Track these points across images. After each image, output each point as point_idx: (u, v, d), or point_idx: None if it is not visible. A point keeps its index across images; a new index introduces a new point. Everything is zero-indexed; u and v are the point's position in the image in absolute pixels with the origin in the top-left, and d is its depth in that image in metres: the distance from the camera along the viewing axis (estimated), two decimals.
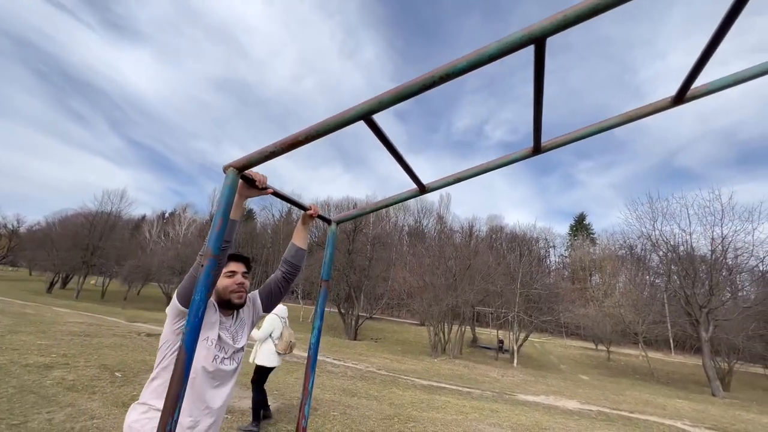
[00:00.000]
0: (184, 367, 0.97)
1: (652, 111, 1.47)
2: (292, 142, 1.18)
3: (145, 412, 1.41)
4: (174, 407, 0.93)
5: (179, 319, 1.47)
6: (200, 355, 1.46)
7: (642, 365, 22.71)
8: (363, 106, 1.13)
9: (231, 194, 1.18)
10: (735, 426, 8.32)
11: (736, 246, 17.44)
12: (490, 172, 1.78)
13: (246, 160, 1.21)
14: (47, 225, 45.98)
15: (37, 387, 4.69)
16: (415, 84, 1.08)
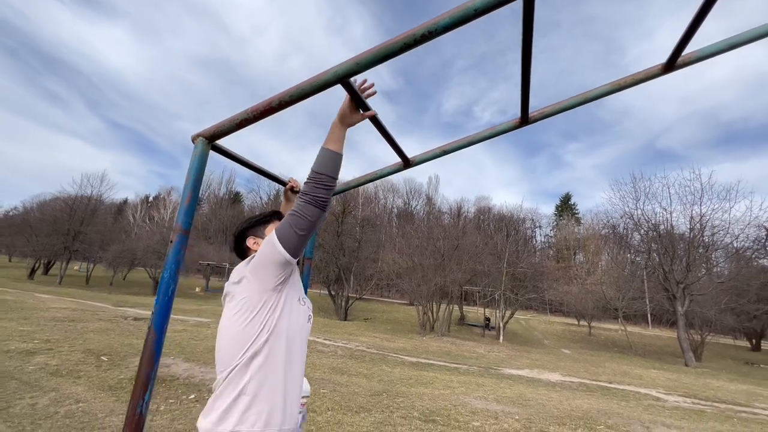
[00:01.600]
0: (154, 348, 0.92)
1: (643, 78, 1.43)
2: (265, 108, 1.11)
3: (243, 407, 1.09)
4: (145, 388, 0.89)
5: (282, 271, 1.18)
6: (300, 316, 1.27)
7: (621, 339, 23.73)
8: (340, 67, 1.05)
9: (200, 165, 1.10)
10: (705, 392, 8.81)
11: (713, 224, 18.04)
12: (476, 144, 1.72)
13: (216, 129, 1.13)
14: (24, 210, 44.37)
15: (19, 373, 4.60)
16: (395, 43, 1.01)
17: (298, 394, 1.21)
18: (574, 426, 4.67)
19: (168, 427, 3.50)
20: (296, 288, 1.30)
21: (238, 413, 1.07)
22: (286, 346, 1.17)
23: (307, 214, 1.14)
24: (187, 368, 5.63)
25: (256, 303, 1.16)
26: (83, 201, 35.80)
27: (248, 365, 1.11)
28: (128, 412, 0.90)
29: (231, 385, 1.10)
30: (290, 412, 1.16)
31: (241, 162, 1.43)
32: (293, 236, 1.14)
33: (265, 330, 1.14)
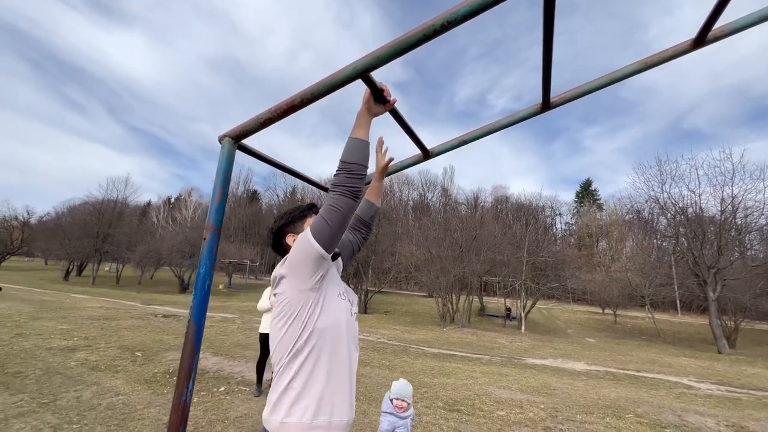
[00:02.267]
0: (194, 341, 0.97)
1: (672, 56, 1.37)
2: (288, 106, 1.13)
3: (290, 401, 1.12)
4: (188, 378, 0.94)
5: (318, 268, 1.17)
6: (342, 311, 1.24)
7: (648, 327, 23.06)
8: (359, 63, 1.06)
9: (228, 165, 1.14)
10: (740, 380, 8.50)
11: (746, 205, 17.18)
12: (496, 132, 1.70)
13: (241, 129, 1.16)
14: (57, 215, 46.63)
15: (63, 368, 4.88)
16: (414, 35, 1.00)
17: (348, 387, 1.20)
18: (602, 415, 4.60)
19: (202, 418, 3.66)
20: (335, 283, 1.27)
21: (286, 406, 1.10)
22: (329, 342, 1.17)
23: (340, 206, 1.13)
24: (216, 362, 5.84)
25: (296, 304, 1.17)
26: (110, 204, 37.32)
27: (293, 362, 1.14)
28: (174, 401, 0.96)
29: (279, 380, 1.15)
30: (340, 405, 1.16)
31: (266, 161, 1.46)
32: (327, 230, 1.13)
33: (306, 329, 1.15)
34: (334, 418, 1.13)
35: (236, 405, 4.10)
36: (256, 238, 56.52)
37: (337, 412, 1.14)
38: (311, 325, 1.16)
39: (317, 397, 1.11)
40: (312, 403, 1.11)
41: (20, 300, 11.67)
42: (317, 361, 1.14)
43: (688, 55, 1.46)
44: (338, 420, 1.14)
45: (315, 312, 1.17)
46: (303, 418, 1.09)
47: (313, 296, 1.17)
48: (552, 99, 1.55)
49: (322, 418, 1.11)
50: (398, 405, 2.56)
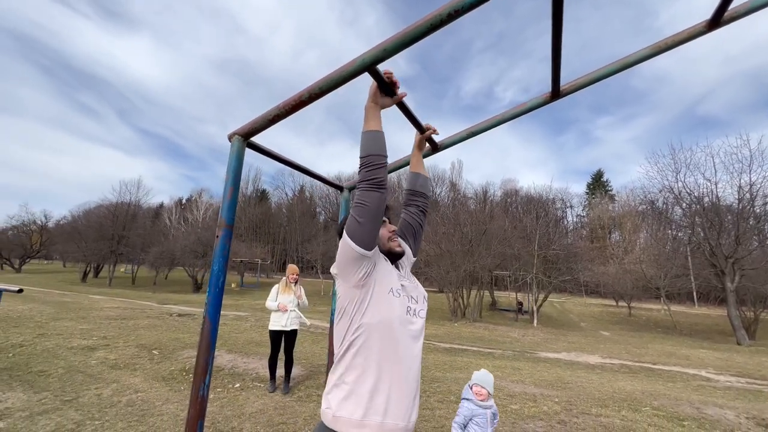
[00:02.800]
0: (210, 337, 0.99)
1: (686, 38, 1.33)
2: (296, 102, 1.13)
3: (342, 395, 1.13)
4: (204, 373, 0.96)
5: (360, 266, 1.17)
6: (393, 308, 1.20)
7: (664, 319, 22.65)
8: (366, 55, 1.05)
9: (238, 162, 1.15)
10: (761, 372, 8.30)
11: (765, 193, 16.69)
12: (505, 123, 1.68)
13: (250, 126, 1.17)
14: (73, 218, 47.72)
15: (84, 366, 5.02)
16: (421, 25, 0.99)
17: (404, 387, 1.15)
18: (618, 408, 4.54)
19: (218, 414, 3.73)
20: (387, 280, 1.24)
21: (338, 399, 1.12)
22: (379, 339, 1.14)
23: (367, 201, 1.14)
24: (231, 359, 5.94)
25: (344, 301, 1.20)
26: (124, 207, 38.08)
27: (344, 356, 1.16)
28: (191, 395, 0.98)
29: (333, 372, 1.18)
30: (396, 407, 1.11)
31: (276, 158, 1.47)
32: (359, 227, 1.14)
33: (353, 324, 1.16)
34: (387, 420, 1.09)
35: (251, 401, 4.16)
36: (266, 237, 57.15)
37: (391, 413, 1.10)
38: (357, 320, 1.16)
39: (368, 394, 1.09)
40: (363, 400, 1.09)
41: (41, 301, 12.02)
42: (367, 358, 1.13)
43: (701, 40, 1.42)
44: (392, 423, 1.09)
45: (361, 308, 1.17)
46: (353, 415, 1.08)
47: (358, 293, 1.18)
48: (562, 87, 1.52)
49: (373, 418, 1.08)
50: (477, 391, 2.61)
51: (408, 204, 1.62)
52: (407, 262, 1.52)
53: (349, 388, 1.12)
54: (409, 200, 1.63)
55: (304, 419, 3.69)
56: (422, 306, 1.33)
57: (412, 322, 1.25)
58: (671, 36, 1.40)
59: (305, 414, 3.83)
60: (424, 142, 1.67)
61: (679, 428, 3.94)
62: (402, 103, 1.36)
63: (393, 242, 1.40)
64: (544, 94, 1.58)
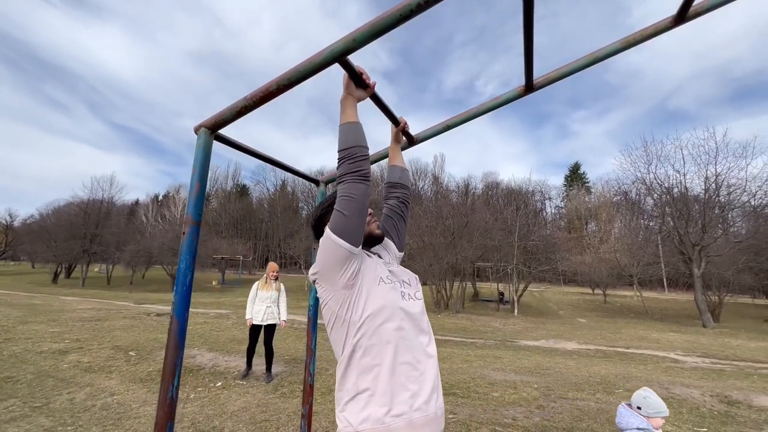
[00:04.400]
0: (177, 337, 0.95)
1: (653, 33, 1.36)
2: (264, 93, 1.09)
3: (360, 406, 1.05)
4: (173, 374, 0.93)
5: (347, 264, 1.10)
6: (388, 297, 1.13)
7: (637, 305, 23.68)
8: (336, 46, 1.02)
9: (205, 156, 1.11)
10: (724, 352, 8.81)
11: (729, 183, 17.54)
12: (481, 116, 1.69)
13: (217, 118, 1.13)
14: (41, 217, 45.42)
15: (54, 371, 4.82)
16: (390, 15, 0.98)
17: (423, 373, 1.09)
18: (593, 391, 4.73)
19: (199, 413, 3.66)
20: (374, 272, 1.18)
21: (356, 413, 1.03)
22: (384, 332, 1.08)
23: (354, 194, 1.09)
24: (212, 358, 5.83)
25: (334, 306, 1.12)
26: (96, 204, 36.51)
27: (351, 363, 1.08)
28: (160, 397, 0.95)
29: (342, 386, 1.09)
30: (419, 397, 1.05)
31: (245, 150, 1.42)
32: (345, 221, 1.08)
33: (352, 327, 1.09)
34: (415, 414, 1.03)
35: (233, 399, 4.11)
36: (248, 233, 56.12)
37: (417, 405, 1.04)
38: (357, 321, 1.09)
39: (388, 394, 1.02)
40: (385, 402, 1.01)
41: (7, 305, 11.44)
42: (377, 355, 1.06)
43: (672, 37, 1.45)
44: (421, 415, 1.03)
45: (356, 307, 1.10)
46: (377, 424, 1.00)
47: (349, 293, 1.11)
48: (535, 80, 1.53)
49: (400, 419, 1.01)
50: (658, 425, 2.04)
51: (388, 197, 1.59)
52: (391, 256, 1.47)
53: (368, 395, 1.03)
54: (390, 193, 1.60)
55: (287, 415, 3.67)
56: (416, 288, 1.27)
57: (411, 305, 1.18)
58: (639, 31, 1.43)
59: (288, 410, 3.81)
60: (400, 134, 1.66)
61: None
62: (375, 96, 1.34)
63: (372, 224, 1.33)
64: (518, 87, 1.60)
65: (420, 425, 1.02)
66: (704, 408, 4.24)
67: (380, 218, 1.55)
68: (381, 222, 1.53)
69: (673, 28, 1.41)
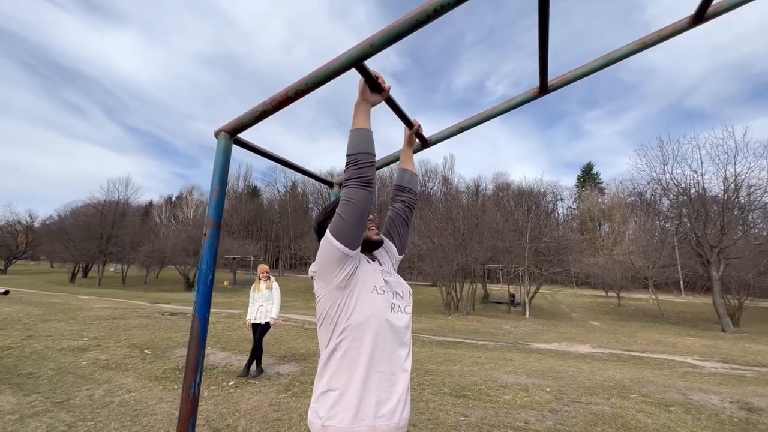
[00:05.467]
0: (199, 335, 0.99)
1: (670, 34, 1.35)
2: (283, 98, 1.12)
3: (329, 403, 1.11)
4: (195, 371, 0.96)
5: (342, 266, 1.14)
6: (378, 307, 1.17)
7: (652, 308, 23.16)
8: (353, 51, 1.04)
9: (225, 159, 1.14)
10: (744, 357, 8.55)
11: (749, 183, 17.06)
12: (494, 118, 1.69)
13: (237, 123, 1.16)
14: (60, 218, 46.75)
15: (74, 368, 4.96)
16: (406, 21, 0.99)
17: (394, 385, 1.13)
18: (607, 395, 4.65)
19: (213, 411, 3.73)
20: (370, 279, 1.21)
21: (326, 408, 1.09)
22: (366, 340, 1.12)
23: (353, 199, 1.12)
24: (225, 357, 5.93)
25: (326, 304, 1.16)
26: (112, 206, 37.44)
27: (329, 361, 1.13)
28: (182, 393, 0.98)
29: (319, 380, 1.15)
30: (386, 407, 1.10)
31: (263, 154, 1.45)
32: (344, 225, 1.11)
33: (338, 327, 1.13)
34: (379, 422, 1.07)
35: (246, 398, 4.17)
36: (258, 234, 56.74)
37: (383, 414, 1.08)
38: (343, 323, 1.14)
39: (358, 398, 1.07)
40: (353, 405, 1.07)
41: (28, 303, 11.81)
42: (354, 359, 1.11)
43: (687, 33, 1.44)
44: (384, 423, 1.08)
45: (346, 310, 1.14)
46: (343, 422, 1.06)
47: (341, 294, 1.15)
48: (549, 82, 1.53)
49: (365, 422, 1.06)
50: None
51: (395, 200, 1.61)
52: (391, 259, 1.49)
53: (338, 394, 1.09)
54: (397, 196, 1.62)
55: (299, 415, 3.70)
56: (407, 302, 1.31)
57: (398, 318, 1.22)
58: (656, 31, 1.42)
59: (300, 410, 3.84)
60: (413, 137, 1.67)
61: (666, 414, 4.05)
62: (390, 99, 1.36)
63: (371, 231, 1.36)
64: (532, 89, 1.59)
65: (381, 431, 1.07)
66: (723, 415, 4.12)
67: (385, 219, 1.59)
68: (385, 223, 1.57)
69: (691, 28, 1.39)
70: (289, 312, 14.47)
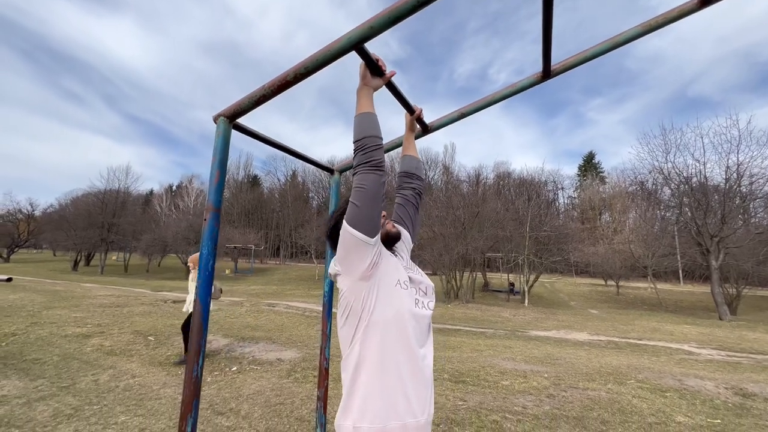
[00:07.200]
0: (201, 318, 1.00)
1: (677, 16, 1.32)
2: (282, 82, 1.10)
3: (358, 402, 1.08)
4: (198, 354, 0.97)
5: (364, 255, 1.11)
6: (403, 302, 1.15)
7: (651, 296, 23.34)
8: (353, 33, 1.02)
9: (224, 145, 1.13)
10: (741, 345, 8.66)
11: (751, 172, 16.95)
12: (496, 104, 1.67)
13: (236, 107, 1.14)
14: (60, 207, 46.86)
15: (79, 353, 5.04)
16: (408, 1, 0.97)
17: (421, 381, 1.11)
18: (604, 381, 4.72)
19: (216, 396, 3.79)
20: (393, 273, 1.18)
21: (356, 408, 1.06)
22: (392, 335, 1.10)
23: (365, 184, 1.09)
24: (227, 343, 6.00)
25: (350, 297, 1.13)
26: (112, 194, 37.45)
27: (355, 359, 1.10)
28: (186, 376, 1.00)
29: (346, 380, 1.12)
30: (416, 403, 1.08)
31: (262, 139, 1.44)
32: (358, 212, 1.08)
33: (362, 322, 1.10)
34: (408, 419, 1.05)
35: (248, 383, 4.24)
36: (259, 223, 56.83)
37: (412, 411, 1.07)
38: (366, 318, 1.10)
39: (388, 395, 1.05)
40: (383, 404, 1.05)
41: (32, 290, 11.91)
42: (381, 356, 1.08)
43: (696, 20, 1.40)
44: (414, 421, 1.06)
45: (368, 305, 1.11)
46: (374, 423, 1.03)
47: (365, 287, 1.11)
48: (553, 67, 1.50)
49: (395, 422, 1.04)
50: None
51: (403, 187, 1.58)
52: (405, 248, 1.46)
53: (365, 392, 1.06)
54: (405, 183, 1.59)
55: (301, 399, 3.77)
56: (431, 298, 1.29)
57: (422, 315, 1.19)
58: (662, 14, 1.39)
59: (302, 394, 3.91)
60: (414, 123, 1.65)
61: (661, 399, 4.12)
62: (391, 84, 1.34)
63: (387, 224, 1.33)
64: (535, 73, 1.57)
65: (412, 428, 1.05)
66: (718, 400, 4.19)
67: (394, 207, 1.56)
68: (395, 211, 1.54)
69: (699, 10, 1.36)
70: (291, 300, 14.61)
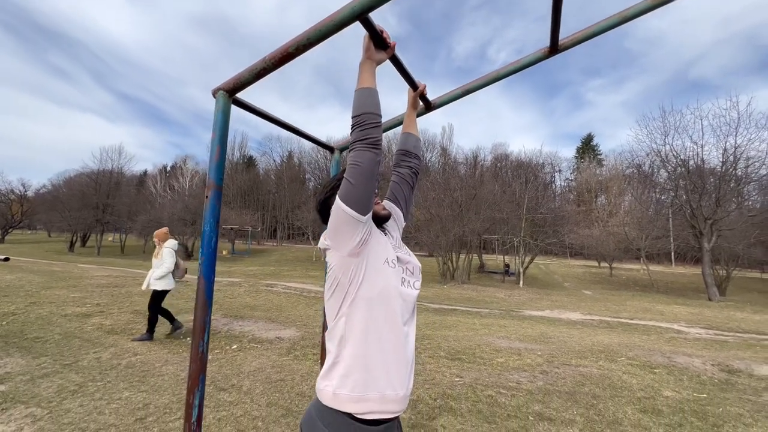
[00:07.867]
0: (205, 294, 1.00)
1: None
2: (283, 54, 1.06)
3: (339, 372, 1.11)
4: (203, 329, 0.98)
5: (354, 232, 1.11)
6: (389, 279, 1.16)
7: (643, 278, 23.78)
8: (356, 3, 0.98)
9: (224, 120, 1.10)
10: (728, 324, 8.91)
11: (748, 155, 16.99)
12: (500, 80, 1.63)
13: (235, 81, 1.11)
14: (53, 187, 46.28)
15: (80, 332, 5.09)
16: None
17: (402, 357, 1.14)
18: (596, 358, 4.86)
19: (218, 373, 3.87)
20: (382, 251, 1.19)
21: (338, 376, 1.09)
22: (376, 310, 1.12)
23: (360, 161, 1.09)
24: (227, 322, 6.08)
25: (337, 272, 1.14)
26: (106, 175, 36.96)
27: (339, 332, 1.12)
28: (191, 351, 1.01)
29: (330, 350, 1.15)
30: (395, 378, 1.11)
31: (262, 115, 1.41)
32: (352, 189, 1.08)
33: (348, 297, 1.12)
34: (387, 391, 1.09)
35: (249, 361, 4.32)
36: (255, 204, 56.62)
37: (391, 383, 1.11)
38: (353, 293, 1.12)
39: (368, 367, 1.09)
40: (363, 373, 1.08)
41: (29, 271, 11.91)
42: (364, 330, 1.10)
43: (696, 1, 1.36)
44: (393, 393, 1.10)
45: (356, 280, 1.12)
46: (354, 390, 1.07)
47: (353, 262, 1.12)
48: (561, 41, 1.46)
49: (375, 390, 1.08)
50: None
51: (400, 165, 1.56)
52: (397, 227, 1.46)
53: (348, 363, 1.09)
54: (402, 161, 1.56)
55: (301, 376, 3.86)
56: (417, 278, 1.30)
57: (407, 293, 1.21)
58: None
59: (302, 371, 4.00)
60: (417, 100, 1.61)
61: (650, 375, 4.26)
62: (395, 57, 1.30)
63: (377, 205, 1.33)
64: (542, 48, 1.53)
65: (390, 401, 1.09)
66: (705, 376, 4.35)
67: (390, 185, 1.55)
68: (390, 188, 1.54)
69: None
70: (289, 281, 14.74)
